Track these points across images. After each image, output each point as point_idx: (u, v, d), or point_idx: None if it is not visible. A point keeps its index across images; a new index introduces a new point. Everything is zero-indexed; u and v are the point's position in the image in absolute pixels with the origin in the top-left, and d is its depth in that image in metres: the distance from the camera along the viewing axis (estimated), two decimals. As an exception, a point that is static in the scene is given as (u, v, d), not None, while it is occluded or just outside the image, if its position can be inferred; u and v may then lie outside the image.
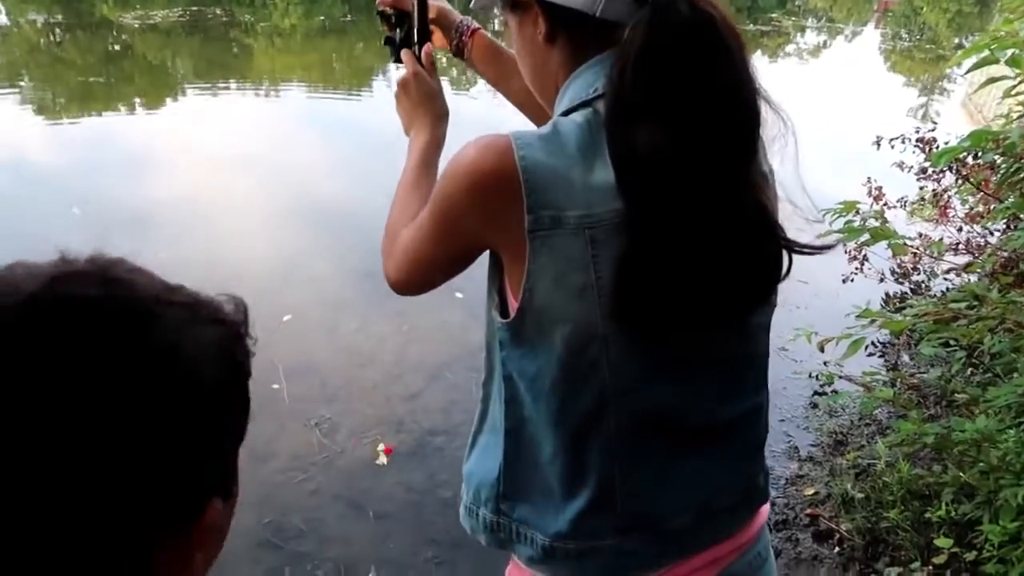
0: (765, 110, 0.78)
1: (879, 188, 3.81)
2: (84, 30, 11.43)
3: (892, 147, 3.39)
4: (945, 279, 3.86)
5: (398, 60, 1.20)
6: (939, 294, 3.65)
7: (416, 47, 1.19)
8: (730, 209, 0.76)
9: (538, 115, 1.19)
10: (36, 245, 0.52)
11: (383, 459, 2.71)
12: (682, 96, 0.73)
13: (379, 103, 7.70)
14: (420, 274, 0.96)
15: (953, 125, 8.85)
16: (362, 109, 7.95)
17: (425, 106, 1.15)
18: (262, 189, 5.40)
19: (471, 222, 0.83)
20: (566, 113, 0.84)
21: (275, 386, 3.05)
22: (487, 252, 0.88)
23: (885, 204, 3.81)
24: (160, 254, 4.14)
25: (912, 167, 3.64)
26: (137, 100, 8.11)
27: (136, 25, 11.77)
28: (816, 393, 3.24)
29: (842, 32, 18.08)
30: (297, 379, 3.11)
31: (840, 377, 3.09)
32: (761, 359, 0.94)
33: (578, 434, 0.85)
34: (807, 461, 2.81)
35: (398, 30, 1.20)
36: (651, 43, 0.74)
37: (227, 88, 8.77)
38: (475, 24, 1.23)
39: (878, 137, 3.38)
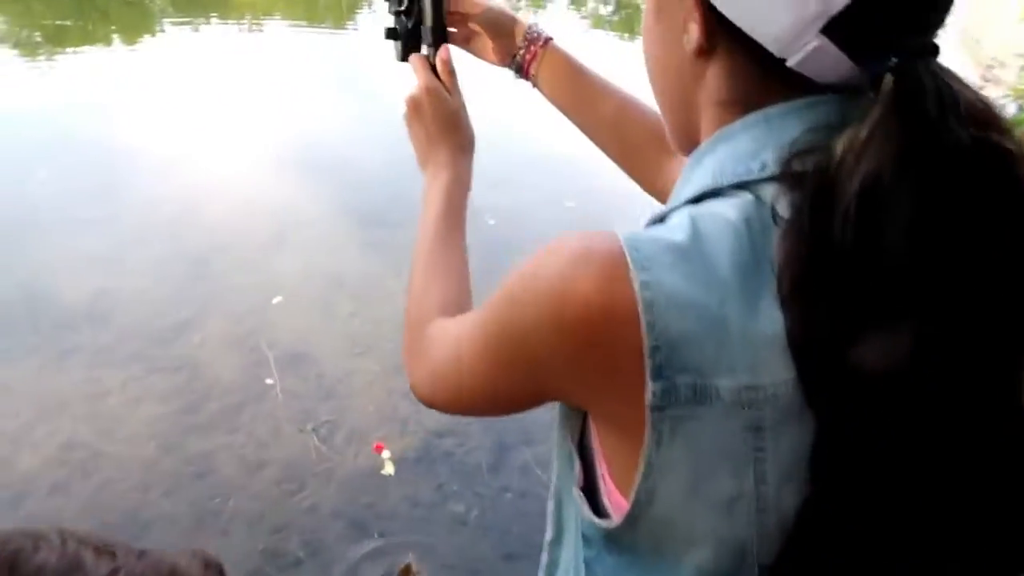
0: None
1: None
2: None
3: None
4: None
5: (405, 59, 0.92)
6: None
7: (431, 49, 0.90)
8: (992, 436, 0.48)
9: (636, 162, 0.92)
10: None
11: (389, 468, 2.47)
12: (946, 259, 0.45)
13: (364, 38, 7.29)
14: (462, 404, 0.69)
15: (952, 59, 8.55)
16: (348, 44, 7.51)
17: (443, 134, 0.88)
18: (246, 133, 5.05)
19: (553, 372, 0.54)
20: (708, 197, 0.54)
21: (268, 381, 2.80)
22: None
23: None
24: (134, 216, 3.86)
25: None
26: (115, 36, 7.62)
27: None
28: None
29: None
30: (291, 372, 2.86)
31: None
32: None
33: None
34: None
35: (404, 18, 0.90)
36: (902, 157, 0.45)
37: (207, 23, 8.26)
38: (546, 32, 0.93)
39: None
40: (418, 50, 0.91)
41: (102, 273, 3.40)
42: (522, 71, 0.94)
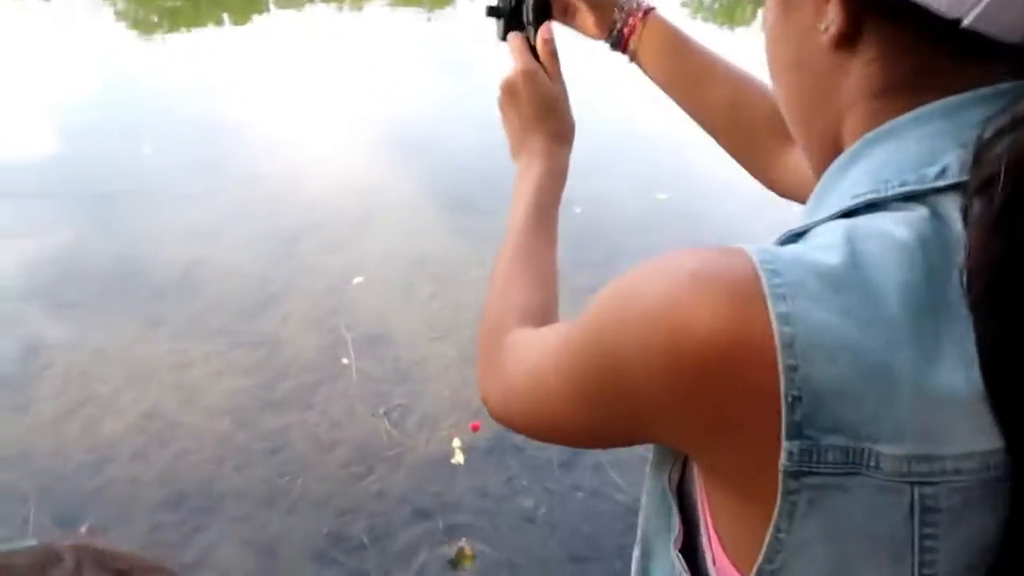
0: None
1: None
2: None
3: None
4: None
5: (506, 39, 0.84)
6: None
7: (531, 28, 0.81)
8: None
9: (747, 147, 0.81)
10: None
11: (459, 457, 2.42)
12: None
13: (464, 18, 7.28)
14: (540, 429, 0.59)
15: None
16: (446, 25, 7.52)
17: (538, 121, 0.79)
18: (344, 113, 5.09)
19: (657, 414, 0.44)
20: (866, 209, 0.43)
21: (344, 361, 2.80)
22: None
23: None
24: (234, 192, 3.95)
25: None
26: (225, 17, 7.87)
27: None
28: None
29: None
30: (367, 353, 2.85)
31: None
32: None
33: None
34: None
35: None
36: None
37: (311, 3, 8.42)
38: (647, 2, 0.82)
39: None
40: (520, 29, 0.83)
41: (197, 246, 3.49)
42: (620, 44, 0.83)
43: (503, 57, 0.84)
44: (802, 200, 0.76)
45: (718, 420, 0.40)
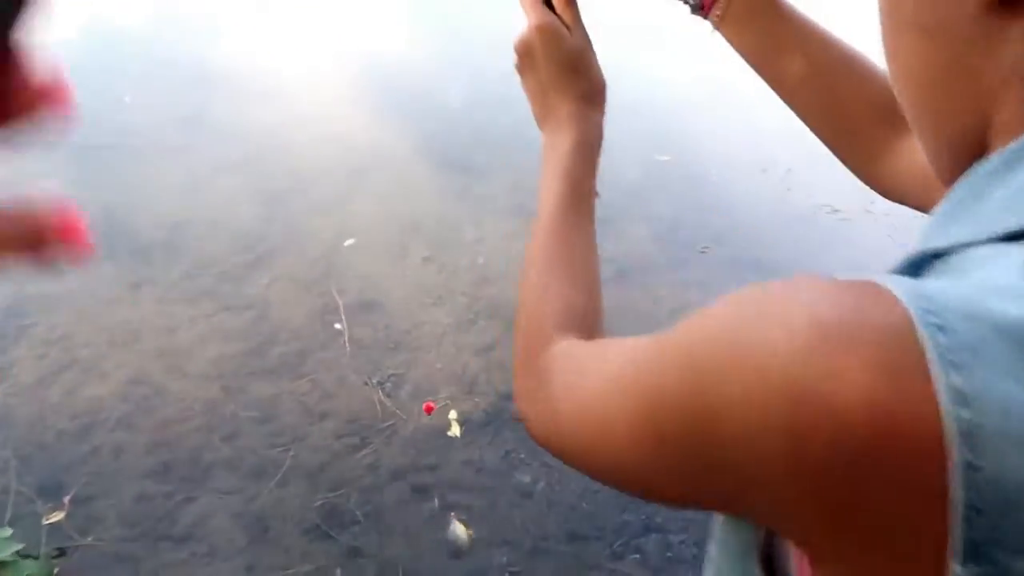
0: None
1: None
2: None
3: None
4: None
5: None
6: None
7: None
8: None
9: (849, 136, 0.69)
10: None
11: (455, 430, 2.36)
12: None
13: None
14: (592, 468, 0.48)
15: None
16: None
17: (562, 83, 0.69)
18: (334, 62, 4.89)
19: (765, 496, 0.33)
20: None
21: (337, 326, 2.71)
22: None
23: None
24: (217, 146, 3.79)
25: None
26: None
27: None
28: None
29: None
30: (360, 319, 2.76)
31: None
32: None
33: None
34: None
35: None
36: None
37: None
38: None
39: None
40: None
41: (180, 204, 3.36)
42: (702, 7, 0.69)
43: (512, 10, 0.74)
44: (914, 203, 0.66)
45: (851, 523, 0.30)
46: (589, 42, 0.69)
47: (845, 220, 3.56)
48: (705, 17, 0.69)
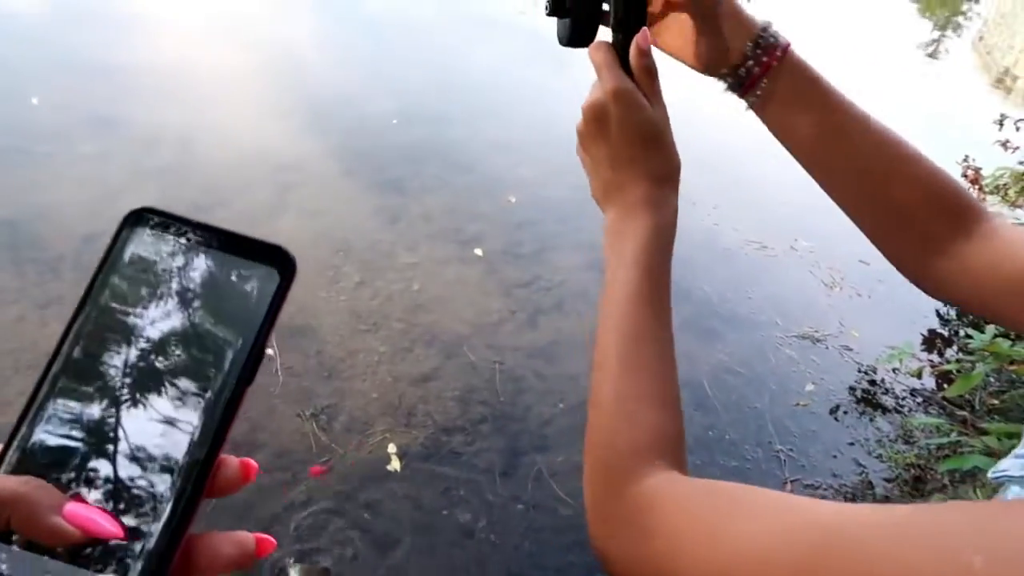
0: None
1: (976, 170, 3.29)
2: None
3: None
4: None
5: (576, 43, 0.66)
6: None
7: (617, 35, 0.63)
8: None
9: (901, 234, 0.64)
10: None
11: (395, 464, 2.27)
12: None
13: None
14: None
15: (960, 66, 8.38)
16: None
17: (640, 158, 0.62)
18: (255, 69, 4.73)
19: None
20: None
21: (267, 351, 2.58)
22: None
23: (980, 188, 3.31)
24: (130, 155, 3.58)
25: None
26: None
27: None
28: (878, 407, 2.83)
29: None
30: (291, 345, 2.64)
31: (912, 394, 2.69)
32: None
33: None
34: (883, 502, 2.42)
35: None
36: None
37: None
38: (785, 38, 0.63)
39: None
40: (594, 33, 0.65)
41: (93, 216, 3.15)
42: (743, 87, 0.64)
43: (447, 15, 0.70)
44: (966, 306, 0.64)
45: None
46: (667, 114, 0.64)
47: (771, 256, 3.67)
48: (742, 97, 0.65)
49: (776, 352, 3.12)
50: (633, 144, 0.62)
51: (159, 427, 0.30)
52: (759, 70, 0.62)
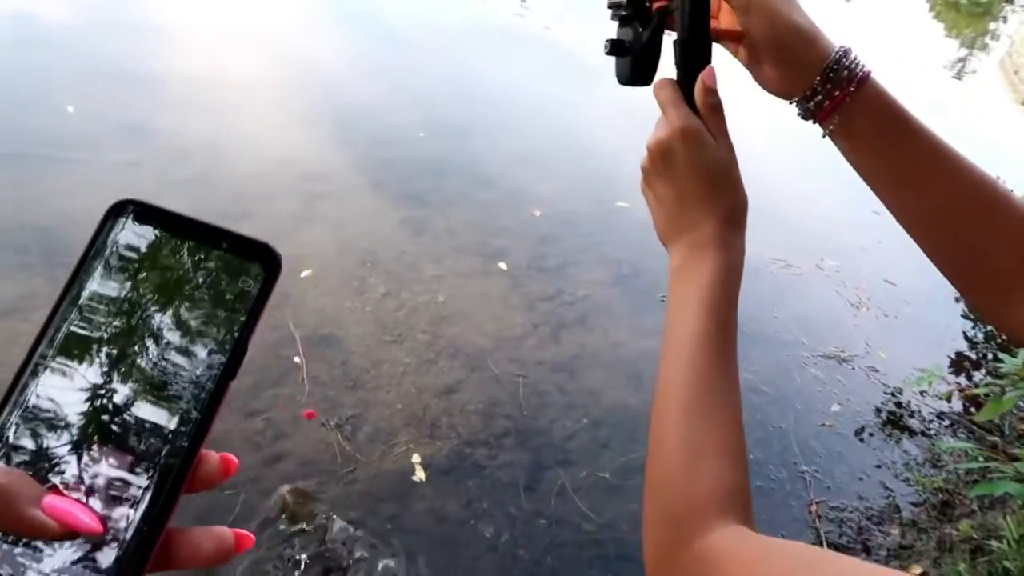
0: None
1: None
2: None
3: None
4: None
5: (637, 82, 0.65)
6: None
7: (681, 72, 0.63)
8: None
9: (984, 277, 0.61)
10: None
11: (420, 474, 2.28)
12: None
13: None
14: None
15: (988, 86, 8.31)
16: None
17: (708, 198, 0.62)
18: (284, 80, 4.77)
19: None
20: None
21: (296, 359, 2.60)
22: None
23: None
24: (159, 163, 3.63)
25: None
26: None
27: None
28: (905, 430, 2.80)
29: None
30: (317, 354, 2.66)
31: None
32: None
33: None
34: (911, 527, 2.38)
35: (639, 25, 0.64)
36: None
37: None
38: (867, 65, 0.61)
39: None
40: (654, 71, 0.65)
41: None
42: (817, 115, 0.62)
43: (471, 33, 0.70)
44: None
45: None
46: (734, 153, 0.63)
47: (797, 275, 3.65)
48: (816, 123, 0.63)
49: (802, 372, 3.10)
50: (701, 183, 0.61)
51: (139, 421, 0.29)
52: (829, 104, 0.60)
